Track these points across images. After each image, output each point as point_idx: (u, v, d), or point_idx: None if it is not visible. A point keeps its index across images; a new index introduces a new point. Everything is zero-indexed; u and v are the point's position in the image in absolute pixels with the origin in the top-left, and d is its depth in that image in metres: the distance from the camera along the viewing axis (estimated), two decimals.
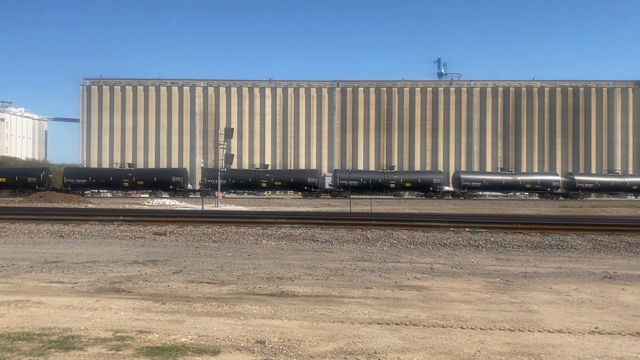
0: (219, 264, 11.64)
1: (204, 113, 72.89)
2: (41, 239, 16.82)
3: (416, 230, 18.15)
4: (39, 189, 52.54)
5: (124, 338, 5.99)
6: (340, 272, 10.71)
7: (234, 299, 8.12)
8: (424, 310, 7.58)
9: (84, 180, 56.56)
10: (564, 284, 9.79)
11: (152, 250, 14.14)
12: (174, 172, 59.83)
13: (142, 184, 57.43)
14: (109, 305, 7.65)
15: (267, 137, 72.64)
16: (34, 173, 56.41)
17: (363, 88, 73.41)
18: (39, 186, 53.92)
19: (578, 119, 72.10)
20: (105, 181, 57.34)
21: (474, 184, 59.25)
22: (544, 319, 7.15)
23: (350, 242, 16.20)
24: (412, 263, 12.33)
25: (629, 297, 8.73)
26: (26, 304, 7.69)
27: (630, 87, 72.54)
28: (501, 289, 9.21)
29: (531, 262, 12.72)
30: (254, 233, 17.57)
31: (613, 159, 70.86)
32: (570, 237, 16.55)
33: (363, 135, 72.45)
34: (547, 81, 74.30)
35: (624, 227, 19.01)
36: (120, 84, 73.76)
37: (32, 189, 52.66)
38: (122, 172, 58.17)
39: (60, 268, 11.01)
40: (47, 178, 56.28)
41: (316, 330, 6.44)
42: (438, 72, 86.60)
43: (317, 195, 56.99)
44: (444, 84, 75.36)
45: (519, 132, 72.24)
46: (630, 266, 12.37)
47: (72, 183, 55.99)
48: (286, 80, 74.74)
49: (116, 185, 57.38)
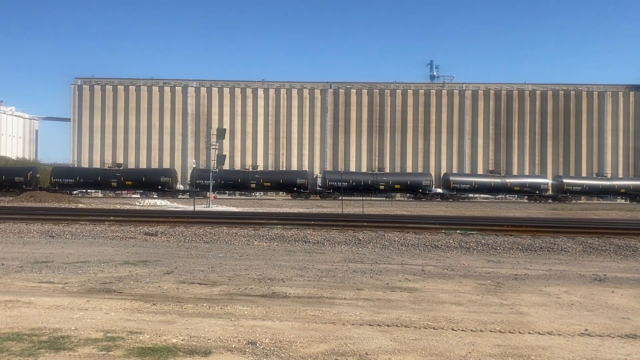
0: (211, 265, 11.62)
1: (196, 113, 72.66)
2: (31, 239, 16.72)
3: (408, 232, 18.18)
4: (26, 188, 52.21)
5: (115, 338, 5.97)
6: (331, 274, 10.72)
7: (226, 300, 8.11)
8: (415, 311, 7.60)
9: (72, 180, 56.19)
10: (554, 286, 9.85)
11: (143, 251, 14.09)
12: (162, 172, 59.61)
13: (130, 184, 57.17)
14: (99, 305, 7.62)
15: (260, 138, 72.50)
16: (22, 172, 55.98)
17: (356, 90, 73.45)
18: (26, 185, 53.52)
19: (569, 122, 72.49)
20: (93, 181, 56.99)
21: (463, 186, 59.44)
22: (534, 321, 7.19)
23: (342, 243, 16.21)
24: (403, 265, 12.36)
25: (619, 299, 8.80)
26: (16, 304, 7.64)
27: (620, 91, 73.04)
28: (492, 291, 9.25)
29: (522, 265, 12.78)
30: (245, 234, 17.54)
31: (603, 163, 71.29)
32: (560, 240, 16.64)
33: (355, 137, 72.47)
34: (539, 84, 74.67)
35: (613, 230, 19.15)
36: (112, 84, 73.36)
37: (20, 189, 52.30)
38: (111, 172, 57.85)
39: (50, 268, 10.95)
40: (35, 177, 55.84)
41: (307, 331, 6.45)
42: (430, 74, 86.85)
43: (306, 197, 56.91)
44: (436, 87, 75.56)
45: (510, 135, 72.54)
46: (619, 269, 12.46)
47: (60, 183, 55.57)
48: (279, 81, 74.62)
49: (104, 185, 57.06)
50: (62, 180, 55.88)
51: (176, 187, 58.89)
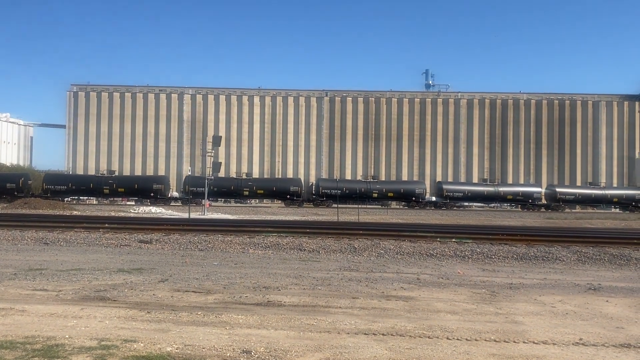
0: (206, 273, 11.59)
1: (191, 121, 72.62)
2: (25, 246, 16.64)
3: (403, 240, 18.19)
4: (18, 195, 52.07)
5: (109, 347, 5.95)
6: (327, 282, 10.71)
7: (220, 308, 8.09)
8: (410, 320, 7.60)
9: (64, 186, 55.89)
10: (549, 295, 9.86)
11: (138, 259, 14.04)
12: (155, 179, 59.47)
13: (122, 191, 56.96)
14: (93, 313, 7.58)
15: (255, 145, 72.49)
16: (13, 179, 55.69)
17: (351, 98, 73.62)
18: (18, 192, 53.29)
19: (564, 132, 72.80)
20: (85, 188, 56.76)
21: (456, 195, 59.44)
22: (529, 330, 7.20)
23: (337, 251, 16.20)
24: (399, 273, 12.35)
25: (613, 308, 8.82)
26: (9, 312, 7.60)
27: (615, 101, 73.44)
28: (487, 300, 9.26)
29: (517, 273, 12.80)
30: (240, 242, 17.51)
31: (598, 172, 71.54)
32: (555, 249, 16.68)
33: (351, 145, 72.55)
34: (534, 94, 75.02)
35: (608, 240, 19.19)
36: (107, 91, 73.29)
37: (12, 195, 52.08)
38: (103, 179, 57.62)
39: (44, 276, 10.90)
40: (27, 184, 55.48)
41: (302, 340, 6.43)
42: (426, 83, 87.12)
43: (299, 205, 56.80)
44: (431, 95, 75.79)
45: (505, 144, 72.77)
46: (614, 278, 12.49)
47: (52, 189, 55.22)
48: (275, 89, 74.71)
49: (96, 192, 56.78)
50: (55, 187, 55.58)
51: (169, 194, 58.69)
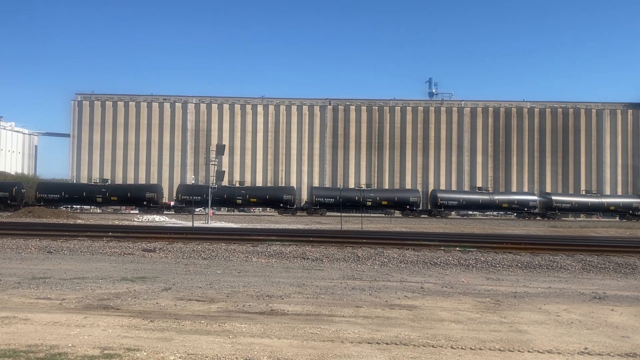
0: (209, 282, 11.57)
1: (195, 129, 72.88)
2: (29, 255, 16.66)
3: (407, 248, 18.13)
4: (11, 203, 52.17)
5: (112, 356, 5.93)
6: (330, 291, 10.67)
7: (224, 317, 8.06)
8: (414, 329, 7.56)
9: (57, 195, 55.69)
10: (554, 304, 9.80)
11: (141, 267, 14.04)
12: (148, 188, 59.39)
13: (115, 199, 56.89)
14: (97, 322, 7.57)
15: (259, 154, 72.64)
16: (6, 188, 55.53)
17: (355, 106, 73.78)
18: (11, 201, 53.27)
19: (567, 140, 72.75)
20: (78, 196, 56.66)
21: (450, 203, 59.16)
22: (534, 339, 7.15)
23: (340, 260, 16.16)
24: (402, 282, 12.31)
25: (618, 317, 8.75)
26: (13, 321, 7.59)
27: (618, 109, 73.40)
28: (491, 309, 9.21)
29: (521, 282, 12.74)
30: (244, 250, 17.49)
31: (602, 180, 71.42)
32: (559, 258, 16.60)
33: (354, 154, 72.63)
34: (537, 102, 75.06)
35: (612, 248, 19.09)
36: (111, 100, 73.66)
37: (4, 204, 52.08)
38: (96, 187, 57.50)
39: (48, 284, 10.90)
40: (20, 193, 55.27)
41: (306, 349, 6.40)
42: (429, 91, 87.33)
43: (292, 213, 56.65)
44: (435, 104, 75.91)
45: (509, 152, 72.74)
46: (619, 287, 12.42)
47: (45, 198, 54.95)
48: (278, 98, 74.97)
49: (89, 200, 56.64)
50: (47, 195, 55.38)
51: (162, 203, 58.46)
